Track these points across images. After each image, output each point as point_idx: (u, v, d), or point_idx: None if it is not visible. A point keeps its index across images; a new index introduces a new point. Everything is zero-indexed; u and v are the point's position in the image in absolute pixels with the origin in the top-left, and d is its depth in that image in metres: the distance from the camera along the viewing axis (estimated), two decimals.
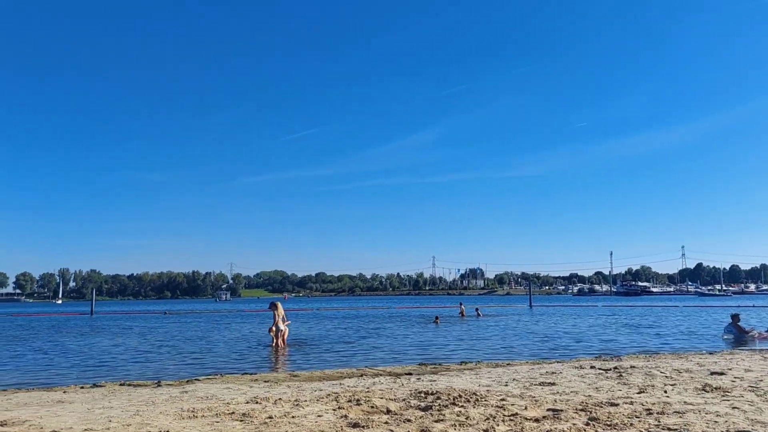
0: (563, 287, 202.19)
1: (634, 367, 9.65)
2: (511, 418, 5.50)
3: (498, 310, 48.19)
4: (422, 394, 6.93)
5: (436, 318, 32.18)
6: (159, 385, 9.42)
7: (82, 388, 9.57)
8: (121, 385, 9.75)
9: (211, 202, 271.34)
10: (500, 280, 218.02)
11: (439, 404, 6.20)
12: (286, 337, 17.85)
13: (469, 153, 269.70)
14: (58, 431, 4.86)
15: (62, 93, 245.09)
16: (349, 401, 6.49)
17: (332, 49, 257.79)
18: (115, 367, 14.01)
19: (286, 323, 17.99)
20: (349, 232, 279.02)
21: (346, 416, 5.72)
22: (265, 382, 9.26)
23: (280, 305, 18.09)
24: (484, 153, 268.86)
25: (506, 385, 7.73)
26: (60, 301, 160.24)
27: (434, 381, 8.45)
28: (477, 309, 38.84)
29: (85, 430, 4.87)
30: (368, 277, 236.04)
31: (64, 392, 8.93)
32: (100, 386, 9.64)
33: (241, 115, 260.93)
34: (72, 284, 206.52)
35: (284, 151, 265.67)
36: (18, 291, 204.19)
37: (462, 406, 6.09)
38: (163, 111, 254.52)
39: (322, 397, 6.85)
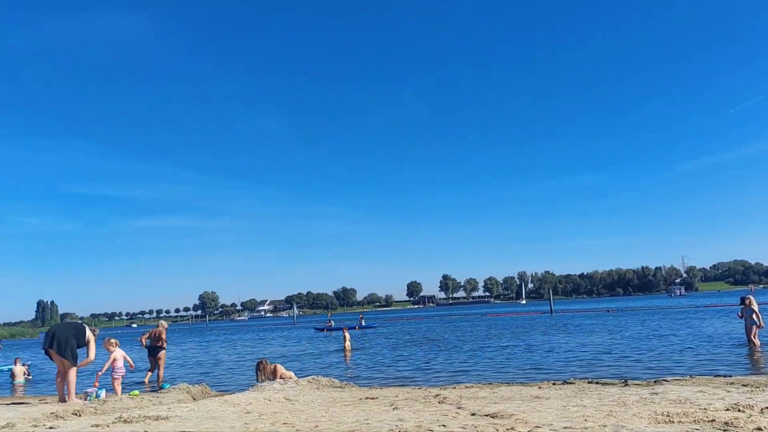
0: None
1: None
2: None
3: None
4: None
5: None
6: (626, 385, 9.44)
7: (554, 384, 10.27)
8: (589, 383, 10.11)
9: (652, 195, 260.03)
10: None
11: None
12: (756, 334, 15.84)
13: None
14: (541, 426, 5.34)
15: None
16: None
17: None
18: (583, 364, 14.59)
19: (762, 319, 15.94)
20: None
21: None
22: (743, 386, 8.36)
23: (753, 299, 16.16)
24: None
25: None
26: (524, 301, 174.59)
27: None
28: None
29: (565, 428, 5.23)
30: None
31: (539, 388, 9.73)
32: (570, 383, 10.18)
33: (666, 102, 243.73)
34: (530, 285, 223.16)
35: (725, 128, 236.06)
36: (487, 294, 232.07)
37: None
38: (585, 114, 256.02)
39: None
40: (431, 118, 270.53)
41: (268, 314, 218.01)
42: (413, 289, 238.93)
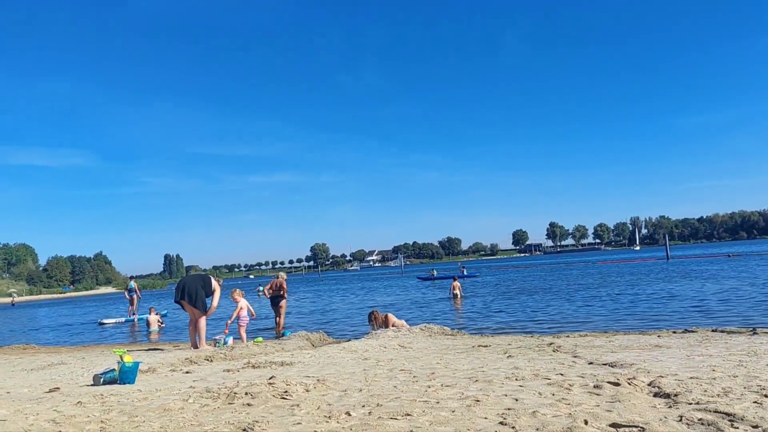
0: None
1: None
2: None
3: None
4: None
5: None
6: (755, 333, 8.93)
7: (674, 332, 9.89)
8: (713, 331, 9.65)
9: None
10: None
11: None
12: None
13: None
14: (665, 376, 5.17)
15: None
16: None
17: None
18: (704, 312, 13.91)
19: None
20: None
21: None
22: None
23: None
24: None
25: None
26: (638, 248, 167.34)
27: None
28: None
29: (691, 378, 5.03)
30: None
31: (659, 336, 9.40)
32: (693, 332, 9.76)
33: None
34: (644, 231, 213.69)
35: None
36: (597, 240, 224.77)
37: None
38: (700, 47, 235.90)
39: None
40: (536, 61, 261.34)
41: (377, 264, 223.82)
42: (519, 237, 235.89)
